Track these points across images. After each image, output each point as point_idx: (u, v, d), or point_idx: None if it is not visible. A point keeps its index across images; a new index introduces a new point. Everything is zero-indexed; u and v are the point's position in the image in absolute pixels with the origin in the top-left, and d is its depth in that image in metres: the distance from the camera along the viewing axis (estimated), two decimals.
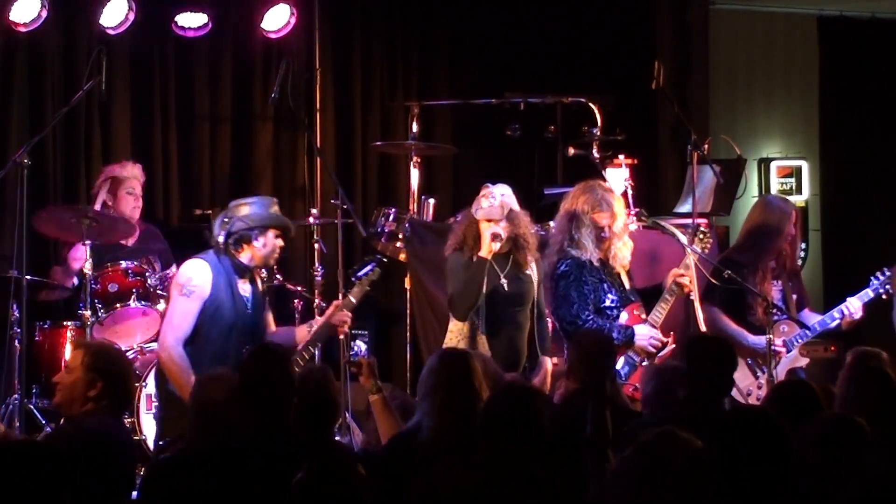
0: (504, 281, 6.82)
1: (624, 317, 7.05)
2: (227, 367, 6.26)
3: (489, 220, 6.78)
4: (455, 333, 6.82)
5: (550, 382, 6.88)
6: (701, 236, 7.32)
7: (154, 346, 7.62)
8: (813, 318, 7.74)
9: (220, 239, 6.50)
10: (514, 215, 6.85)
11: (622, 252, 7.10)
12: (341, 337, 6.85)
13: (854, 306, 7.59)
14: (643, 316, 7.11)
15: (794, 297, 7.80)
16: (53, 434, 6.14)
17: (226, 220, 6.54)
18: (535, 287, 6.94)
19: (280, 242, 6.58)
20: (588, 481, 4.50)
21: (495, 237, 6.75)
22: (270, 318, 6.82)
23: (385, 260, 6.84)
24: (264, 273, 7.30)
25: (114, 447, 4.78)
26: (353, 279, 6.81)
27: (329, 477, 3.69)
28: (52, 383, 5.11)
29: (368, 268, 6.77)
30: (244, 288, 6.53)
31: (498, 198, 6.82)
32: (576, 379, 5.81)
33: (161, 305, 7.62)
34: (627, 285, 7.19)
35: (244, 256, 6.52)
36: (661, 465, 3.42)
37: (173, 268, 7.67)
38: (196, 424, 4.89)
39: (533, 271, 6.95)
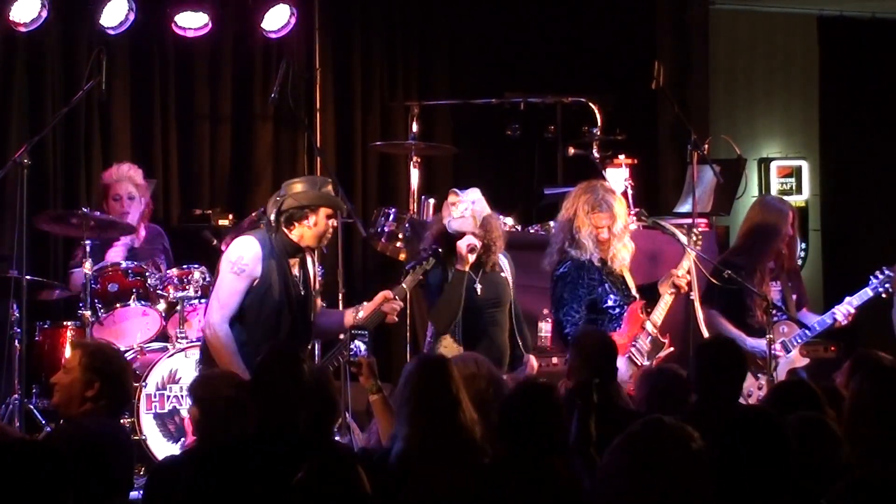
0: (479, 286, 6.84)
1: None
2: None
3: (461, 233, 6.76)
4: (437, 334, 6.86)
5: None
6: (694, 238, 7.32)
7: (154, 346, 7.63)
8: (811, 319, 7.73)
9: (272, 217, 6.44)
10: (486, 221, 6.83)
11: (621, 253, 7.10)
12: (392, 319, 6.79)
13: (853, 306, 7.58)
14: (643, 314, 7.12)
15: (794, 297, 7.79)
16: (51, 434, 6.13)
17: (278, 198, 6.48)
18: (511, 285, 6.96)
19: (333, 223, 6.47)
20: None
21: (472, 249, 6.73)
22: (318, 299, 6.78)
23: (441, 251, 6.80)
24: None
25: (112, 447, 4.78)
26: (406, 268, 6.79)
27: (329, 477, 3.69)
28: (50, 384, 5.11)
29: (423, 257, 6.76)
30: (295, 268, 6.46)
31: (469, 206, 6.78)
32: (576, 379, 5.81)
33: (161, 305, 7.62)
34: (632, 285, 7.19)
35: (295, 235, 6.40)
36: (650, 455, 3.29)
37: (174, 270, 7.67)
38: (202, 422, 4.89)
39: (506, 270, 6.96)
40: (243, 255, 6.31)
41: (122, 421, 6.28)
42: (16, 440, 4.17)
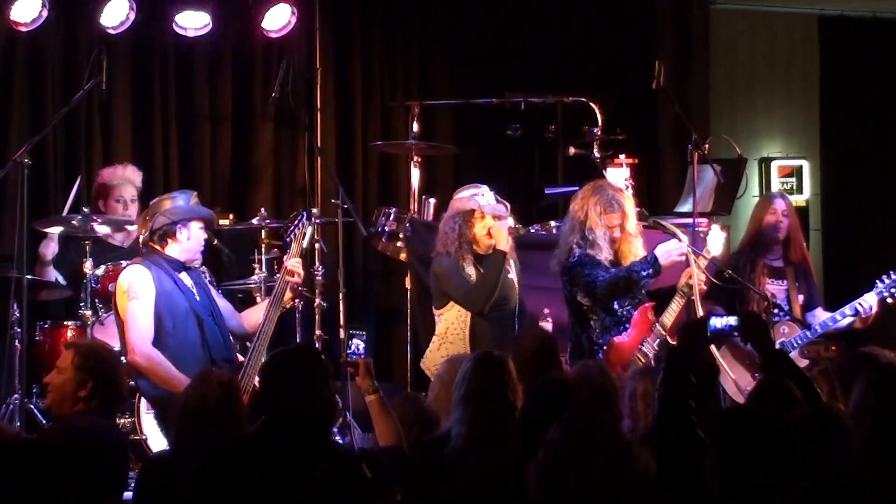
0: None
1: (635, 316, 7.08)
2: (194, 352, 6.33)
3: (497, 217, 6.79)
4: (439, 338, 6.85)
5: None
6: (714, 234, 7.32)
7: None
8: (823, 318, 7.71)
9: (146, 236, 6.53)
10: None
11: (634, 247, 7.09)
12: (296, 281, 6.82)
13: (869, 302, 7.55)
14: (653, 316, 7.11)
15: (801, 297, 7.76)
16: (43, 434, 6.12)
17: (147, 217, 6.59)
18: (517, 288, 6.96)
19: (204, 234, 6.64)
20: None
21: (512, 231, 6.78)
22: (229, 305, 6.91)
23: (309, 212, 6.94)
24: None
25: (104, 446, 4.76)
26: (286, 240, 6.90)
27: (338, 479, 3.67)
28: (43, 384, 5.10)
29: (297, 225, 6.86)
30: (185, 278, 6.57)
31: (492, 197, 6.86)
32: (519, 379, 5.81)
33: None
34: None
35: (172, 251, 6.56)
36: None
37: None
38: (184, 422, 4.87)
39: (512, 271, 6.97)
40: (133, 281, 6.45)
41: (119, 421, 6.29)
42: (9, 440, 4.17)
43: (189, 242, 6.59)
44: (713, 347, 7.19)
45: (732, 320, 4.70)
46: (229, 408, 4.81)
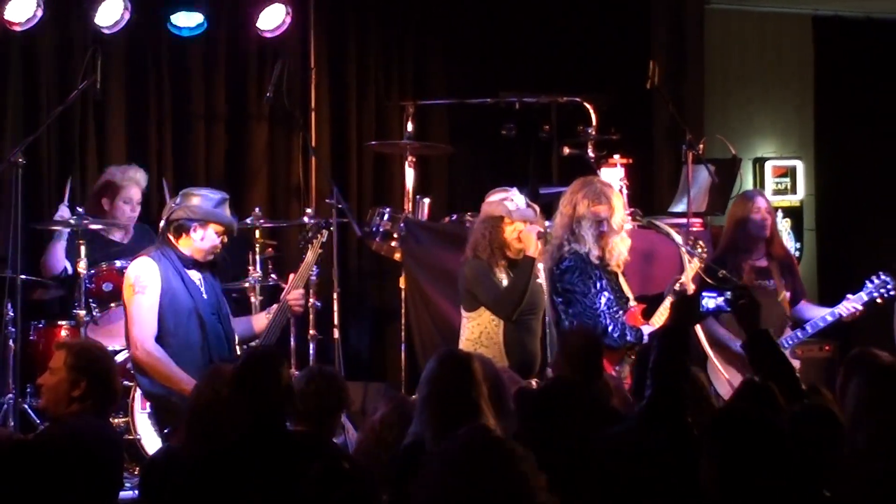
0: None
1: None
2: (193, 354, 6.32)
3: (526, 221, 6.81)
4: (472, 342, 6.83)
5: None
6: (699, 249, 7.28)
7: None
8: (810, 310, 7.71)
9: (162, 225, 6.52)
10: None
11: (619, 248, 7.08)
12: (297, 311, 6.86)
13: (851, 308, 7.56)
14: (643, 318, 7.11)
15: (788, 294, 7.77)
16: (39, 435, 6.11)
17: (173, 204, 6.56)
18: (545, 292, 6.96)
19: (221, 240, 6.56)
20: None
21: (541, 235, 6.78)
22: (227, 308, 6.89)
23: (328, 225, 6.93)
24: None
25: (99, 447, 4.76)
26: (301, 245, 6.89)
27: (337, 478, 3.67)
28: (37, 386, 5.09)
29: (314, 233, 6.85)
30: (194, 275, 6.52)
31: (522, 201, 6.87)
32: (557, 374, 5.80)
33: None
34: (626, 287, 7.18)
35: (184, 247, 6.49)
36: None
37: None
38: (192, 421, 4.86)
39: (541, 276, 6.97)
40: (140, 275, 6.39)
41: (113, 420, 6.29)
42: (4, 440, 4.16)
43: (202, 243, 6.50)
44: (709, 350, 7.26)
45: (723, 299, 4.68)
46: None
